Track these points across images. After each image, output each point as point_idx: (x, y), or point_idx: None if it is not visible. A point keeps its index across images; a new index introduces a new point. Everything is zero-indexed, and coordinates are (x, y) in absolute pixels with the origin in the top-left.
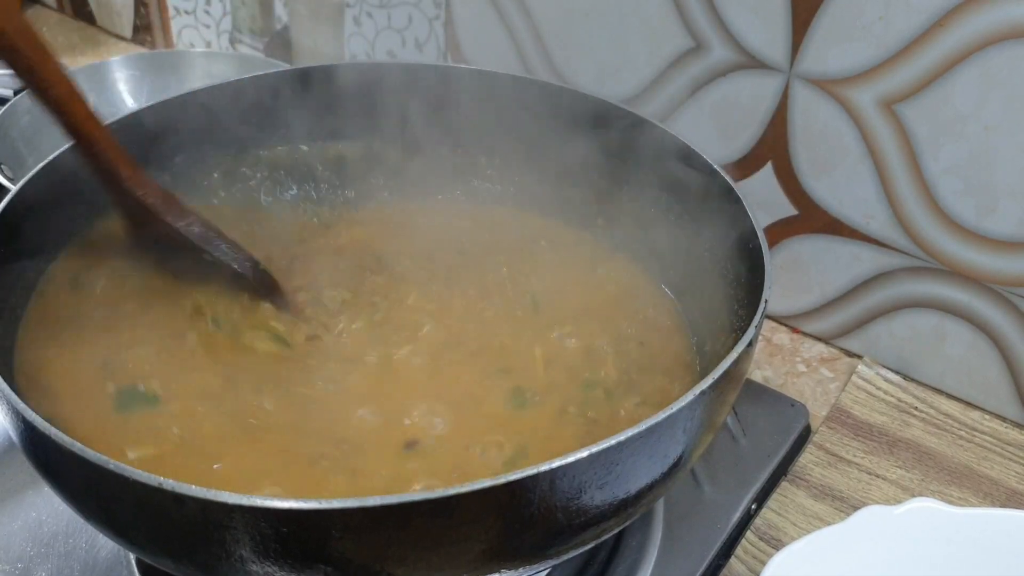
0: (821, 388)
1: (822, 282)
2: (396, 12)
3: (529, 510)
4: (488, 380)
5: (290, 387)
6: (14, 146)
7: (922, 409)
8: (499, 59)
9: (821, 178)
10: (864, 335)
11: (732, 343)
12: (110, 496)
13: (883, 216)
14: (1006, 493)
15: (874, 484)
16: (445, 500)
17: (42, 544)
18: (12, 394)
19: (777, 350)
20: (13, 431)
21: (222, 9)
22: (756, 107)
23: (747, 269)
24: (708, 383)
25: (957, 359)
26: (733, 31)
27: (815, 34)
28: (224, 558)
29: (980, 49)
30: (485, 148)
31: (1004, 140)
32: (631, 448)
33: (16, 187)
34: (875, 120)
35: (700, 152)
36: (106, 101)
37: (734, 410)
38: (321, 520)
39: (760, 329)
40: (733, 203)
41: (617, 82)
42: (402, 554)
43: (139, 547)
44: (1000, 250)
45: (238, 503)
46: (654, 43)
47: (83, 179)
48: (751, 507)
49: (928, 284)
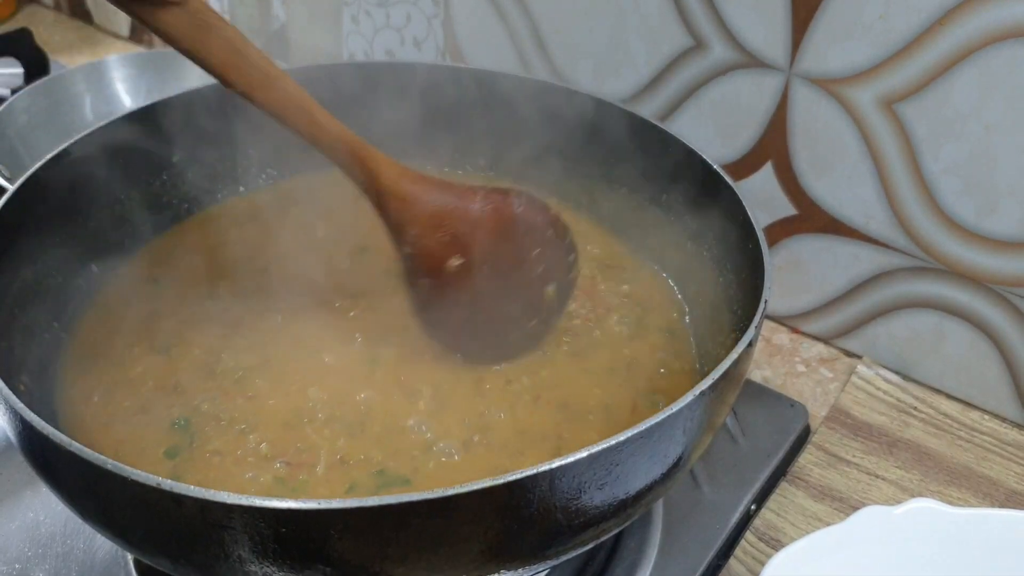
0: (820, 388)
1: (822, 282)
2: (395, 11)
3: (529, 510)
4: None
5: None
6: (11, 146)
7: (922, 409)
8: (498, 58)
9: (821, 178)
10: (864, 335)
11: (732, 343)
12: (108, 496)
13: (883, 216)
14: (1005, 493)
15: (874, 484)
16: (445, 500)
17: (40, 545)
18: (11, 394)
19: (777, 350)
20: (11, 431)
21: (220, 8)
22: (756, 106)
23: (747, 269)
24: (708, 383)
25: (957, 359)
26: (733, 30)
27: (815, 33)
28: (223, 558)
29: (980, 48)
30: (485, 148)
31: (1004, 140)
32: (631, 448)
33: (13, 187)
34: (875, 119)
35: (700, 152)
36: (103, 100)
37: (733, 410)
38: (320, 520)
39: (760, 329)
40: (733, 203)
41: (616, 81)
42: (402, 554)
43: (137, 547)
44: (1000, 250)
45: (237, 503)
46: (653, 42)
47: (82, 179)
48: (750, 508)
49: (928, 284)
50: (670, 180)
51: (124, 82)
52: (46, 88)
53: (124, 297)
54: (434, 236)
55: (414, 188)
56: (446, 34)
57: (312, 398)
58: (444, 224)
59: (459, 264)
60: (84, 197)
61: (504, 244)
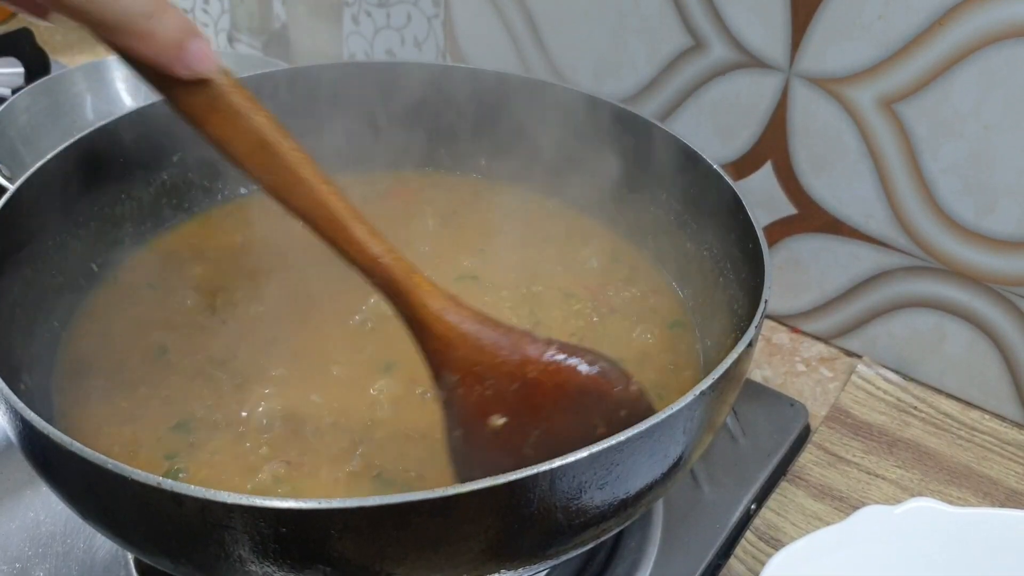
0: (820, 388)
1: (821, 282)
2: (395, 11)
3: (529, 510)
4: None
5: None
6: (12, 145)
7: (922, 409)
8: (498, 58)
9: (820, 177)
10: (863, 335)
11: (732, 343)
12: (108, 496)
13: (882, 215)
14: (1005, 493)
15: (873, 484)
16: (445, 500)
17: (40, 544)
18: (11, 394)
19: (777, 350)
20: (11, 431)
21: (220, 7)
22: (755, 106)
23: (747, 269)
24: (708, 383)
25: (957, 359)
26: (733, 30)
27: (815, 33)
28: (223, 558)
29: (979, 48)
30: (484, 148)
31: (1003, 139)
32: (631, 448)
33: (14, 187)
34: (874, 119)
35: (699, 151)
36: (104, 100)
37: (734, 410)
38: (320, 520)
39: (760, 329)
40: (732, 202)
41: (616, 81)
42: (402, 554)
43: (137, 547)
44: (1000, 250)
45: (237, 503)
46: (653, 42)
47: (82, 179)
48: (750, 507)
49: (928, 284)
50: (670, 180)
51: (124, 82)
52: (47, 88)
53: (124, 297)
54: (475, 389)
55: (461, 329)
56: (446, 34)
57: (314, 403)
58: (489, 377)
59: (502, 424)
60: (84, 197)
61: (562, 413)
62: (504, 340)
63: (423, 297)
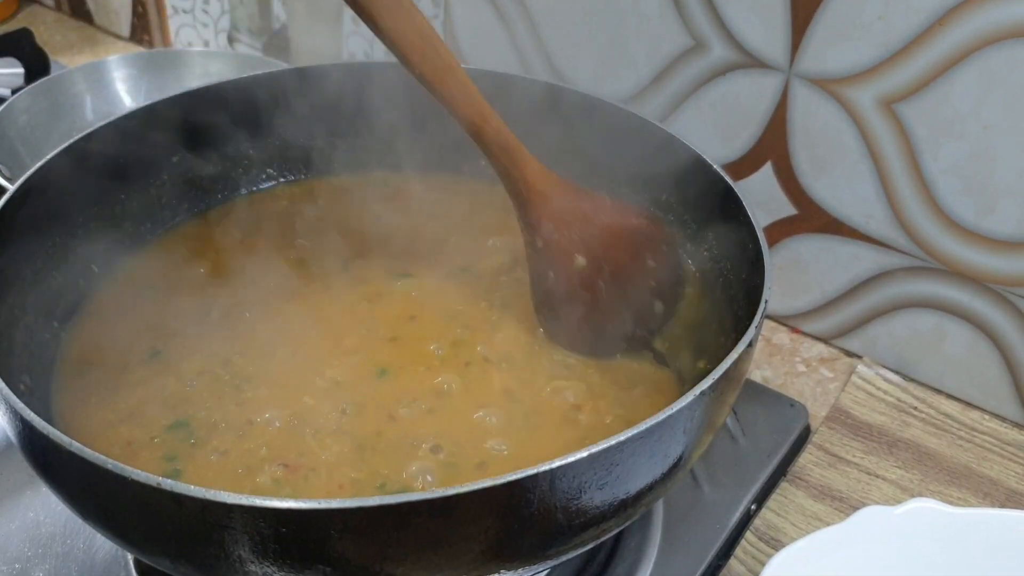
0: (821, 388)
1: (822, 282)
2: None
3: (529, 510)
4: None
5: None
6: (12, 145)
7: (922, 409)
8: (498, 58)
9: (820, 178)
10: (864, 335)
11: (732, 343)
12: (108, 496)
13: (882, 216)
14: (1005, 493)
15: (874, 484)
16: (444, 500)
17: (40, 545)
18: (11, 394)
19: (777, 350)
20: (11, 430)
21: (220, 8)
22: (755, 106)
23: (747, 269)
24: (708, 383)
25: (957, 359)
26: (732, 30)
27: (815, 33)
28: (223, 558)
29: (979, 49)
30: None
31: (1003, 140)
32: (631, 448)
33: (14, 187)
34: (874, 120)
35: (699, 152)
36: (104, 100)
37: (734, 410)
38: (320, 520)
39: (760, 329)
40: (732, 203)
41: (616, 81)
42: (402, 554)
43: (137, 547)
44: (999, 250)
45: (237, 503)
46: (653, 42)
47: (81, 180)
48: (750, 507)
49: (928, 284)
50: (670, 180)
51: (124, 82)
52: (46, 88)
53: (124, 298)
54: (564, 233)
55: (554, 188)
56: (446, 34)
57: (313, 405)
58: (574, 224)
59: (583, 263)
60: (84, 197)
61: (624, 252)
62: (583, 197)
63: (529, 162)
